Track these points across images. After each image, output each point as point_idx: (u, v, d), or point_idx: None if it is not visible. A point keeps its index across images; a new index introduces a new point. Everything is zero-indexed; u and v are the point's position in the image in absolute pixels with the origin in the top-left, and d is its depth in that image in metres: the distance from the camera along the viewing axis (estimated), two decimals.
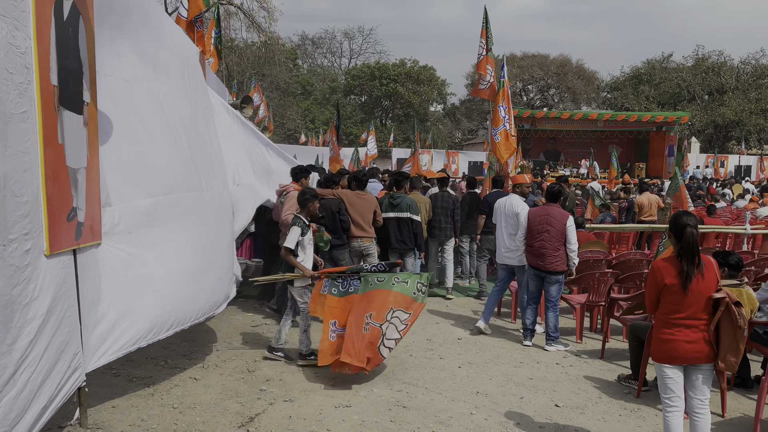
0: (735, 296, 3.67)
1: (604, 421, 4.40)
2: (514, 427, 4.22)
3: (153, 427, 3.96)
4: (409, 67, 44.54)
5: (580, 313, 6.55)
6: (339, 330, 4.98)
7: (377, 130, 41.05)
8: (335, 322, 5.02)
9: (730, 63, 43.70)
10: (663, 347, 3.62)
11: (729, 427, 4.39)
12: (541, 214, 6.27)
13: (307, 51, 53.96)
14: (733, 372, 3.92)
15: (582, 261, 7.46)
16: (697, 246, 3.58)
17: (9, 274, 2.75)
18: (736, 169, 34.15)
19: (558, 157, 34.49)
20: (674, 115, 33.13)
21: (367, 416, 4.30)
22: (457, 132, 52.05)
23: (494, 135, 10.06)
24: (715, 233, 11.22)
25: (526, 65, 48.87)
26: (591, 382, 5.20)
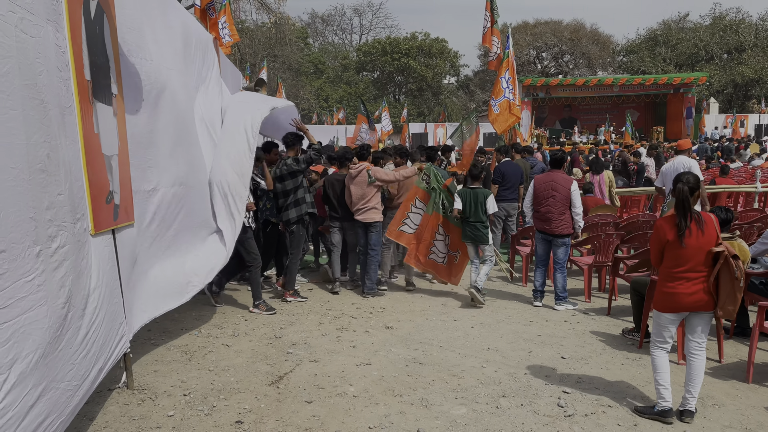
0: (733, 250, 3.93)
1: (606, 369, 4.72)
2: (522, 377, 4.55)
3: (193, 387, 4.37)
4: (421, 40, 44.34)
5: (588, 273, 6.83)
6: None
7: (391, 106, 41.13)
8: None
9: (748, 20, 42.79)
10: (666, 299, 3.89)
11: (726, 371, 4.68)
12: (547, 180, 6.52)
13: (317, 29, 53.90)
14: (731, 319, 4.22)
15: (592, 224, 7.72)
16: (687, 200, 3.83)
17: (78, 248, 3.13)
18: (756, 129, 33.63)
19: (573, 125, 34.28)
20: (692, 77, 32.65)
21: (386, 372, 4.67)
22: (471, 104, 51.80)
23: (494, 106, 10.23)
24: (727, 193, 11.32)
25: (539, 32, 48.21)
26: (597, 337, 5.51)
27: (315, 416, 3.91)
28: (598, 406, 4.05)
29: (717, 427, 3.76)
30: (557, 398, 4.16)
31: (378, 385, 4.43)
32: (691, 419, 3.81)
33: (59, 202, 2.95)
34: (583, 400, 4.14)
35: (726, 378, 4.54)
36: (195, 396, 4.21)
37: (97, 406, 4.00)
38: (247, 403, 4.11)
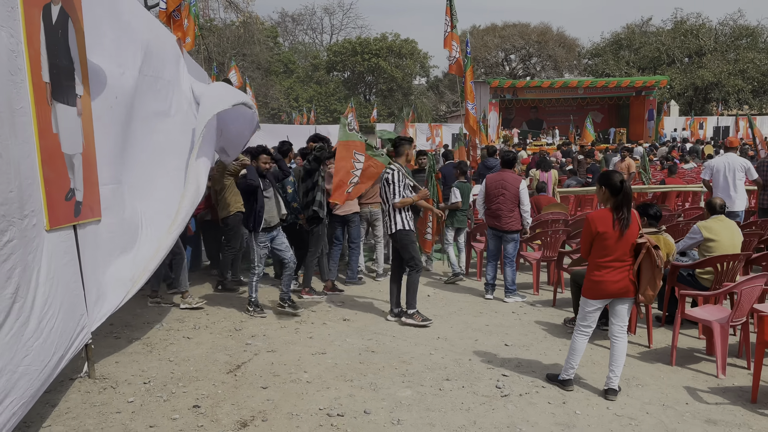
0: (654, 241, 4.31)
1: (545, 355, 5.06)
2: (466, 363, 4.86)
3: (153, 376, 4.57)
4: (391, 41, 44.71)
5: (537, 267, 7.20)
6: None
7: (361, 106, 41.43)
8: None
9: (708, 25, 44.05)
10: (594, 287, 4.25)
11: (653, 355, 5.06)
12: (498, 179, 6.86)
13: (287, 28, 53.86)
14: (650, 303, 4.59)
15: (543, 221, 8.11)
16: (631, 196, 4.22)
17: (25, 243, 3.32)
18: (714, 131, 34.79)
19: (540, 126, 34.99)
20: (653, 80, 33.63)
21: (340, 360, 4.93)
22: (441, 105, 52.38)
23: (470, 109, 10.59)
24: (677, 192, 11.88)
25: (507, 35, 48.99)
26: (540, 326, 5.87)
27: (269, 400, 4.16)
28: (533, 387, 4.38)
29: (637, 404, 4.12)
30: (496, 381, 4.47)
31: (331, 371, 4.69)
32: (615, 397, 4.16)
33: (10, 198, 3.16)
34: (520, 382, 4.46)
35: (652, 361, 4.92)
36: (155, 384, 4.41)
37: (59, 394, 4.18)
38: (204, 389, 4.33)
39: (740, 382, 4.51)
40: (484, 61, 48.82)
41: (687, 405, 4.11)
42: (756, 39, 43.15)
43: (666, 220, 7.75)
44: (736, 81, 39.98)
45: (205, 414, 3.95)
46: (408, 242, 5.96)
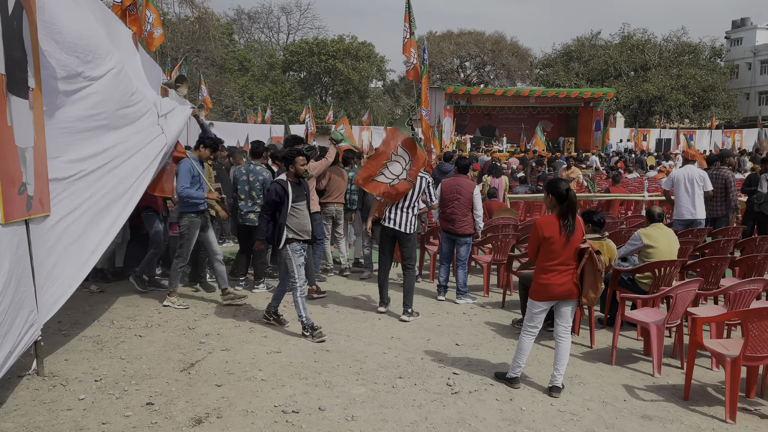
0: (596, 246, 4.55)
1: (494, 354, 5.26)
2: (418, 361, 5.01)
3: (104, 373, 4.52)
4: (348, 43, 44.76)
5: (487, 270, 7.43)
6: None
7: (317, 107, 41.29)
8: None
9: (653, 41, 45.96)
10: (541, 289, 4.45)
11: (595, 355, 5.33)
12: (452, 184, 7.05)
13: (243, 26, 53.22)
14: (592, 305, 4.84)
15: (494, 226, 8.36)
16: (576, 205, 4.43)
17: None
18: (657, 143, 36.31)
19: (493, 133, 35.72)
20: (601, 91, 34.82)
21: (295, 359, 4.99)
22: (397, 108, 52.76)
23: (425, 115, 10.77)
24: (620, 200, 12.40)
25: (462, 42, 49.82)
26: (490, 327, 6.07)
27: (224, 397, 4.19)
28: (482, 384, 4.56)
29: (579, 400, 4.34)
30: (447, 378, 4.63)
31: (286, 370, 4.75)
32: (558, 394, 4.38)
33: None
34: (470, 380, 4.63)
35: (594, 360, 5.18)
36: (106, 381, 4.37)
37: (7, 392, 4.10)
38: (158, 387, 4.32)
39: (674, 380, 4.80)
40: (439, 68, 49.50)
41: (625, 402, 4.36)
42: (697, 56, 45.30)
43: (609, 227, 8.12)
44: (678, 95, 41.85)
45: (159, 411, 3.94)
46: (415, 244, 6.52)
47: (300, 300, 5.53)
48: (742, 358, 4.10)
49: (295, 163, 5.63)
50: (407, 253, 6.44)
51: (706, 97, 42.68)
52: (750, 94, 50.17)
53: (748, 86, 50.25)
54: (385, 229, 6.42)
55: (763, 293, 5.90)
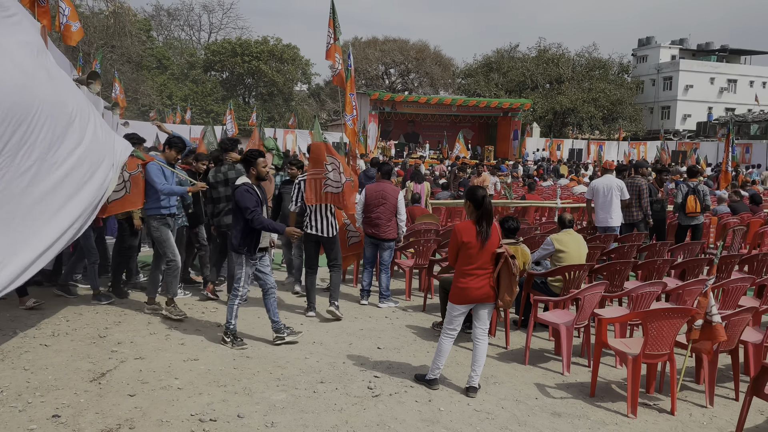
0: (512, 251, 4.74)
1: (414, 357, 5.36)
2: (340, 365, 5.02)
3: (5, 385, 4.25)
4: (273, 45, 44.17)
5: (409, 274, 7.57)
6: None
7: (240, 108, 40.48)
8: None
9: (567, 55, 48.31)
10: (460, 293, 4.59)
11: (510, 356, 5.54)
12: (378, 189, 7.12)
13: (162, 23, 51.43)
14: (508, 308, 5.04)
15: (416, 231, 8.51)
16: (492, 212, 4.59)
17: None
18: (570, 152, 38.17)
19: (417, 140, 36.35)
20: (518, 102, 36.25)
21: (213, 366, 4.88)
22: (322, 112, 52.62)
23: (347, 121, 10.82)
24: (535, 207, 12.94)
25: (387, 49, 50.41)
26: (411, 330, 6.18)
27: (137, 408, 4.04)
28: (402, 387, 4.64)
29: (494, 400, 4.51)
30: (368, 382, 4.68)
31: (204, 377, 4.63)
32: (475, 394, 4.53)
33: None
34: (391, 383, 4.70)
35: (509, 361, 5.39)
36: (8, 393, 4.11)
37: None
38: (65, 398, 4.10)
39: (582, 378, 5.07)
40: (365, 73, 49.82)
41: (536, 400, 4.56)
42: (607, 71, 48.05)
43: (524, 232, 8.47)
44: (589, 108, 44.21)
45: (66, 424, 3.75)
46: (338, 245, 6.67)
47: (236, 307, 5.42)
48: (642, 356, 4.39)
49: (257, 165, 5.48)
50: (333, 255, 6.56)
51: (615, 110, 45.33)
52: (654, 108, 53.76)
53: (652, 101, 53.83)
54: (309, 235, 6.42)
55: (662, 295, 6.35)
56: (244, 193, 5.31)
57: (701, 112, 50.33)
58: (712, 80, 52.96)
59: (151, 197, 6.23)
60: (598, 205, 9.15)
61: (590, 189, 9.48)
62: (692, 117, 50.44)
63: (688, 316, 4.44)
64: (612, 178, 9.19)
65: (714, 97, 52.74)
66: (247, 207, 5.26)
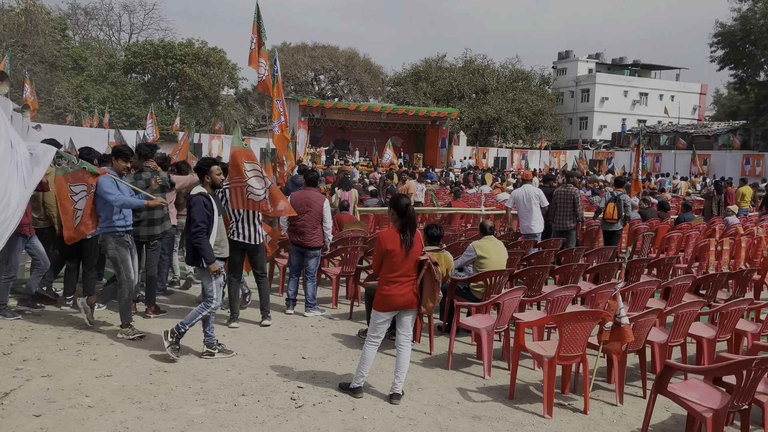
0: (435, 258, 4.82)
1: (339, 365, 5.34)
2: (263, 377, 4.93)
3: None
4: (198, 48, 43.01)
5: (336, 282, 7.54)
6: None
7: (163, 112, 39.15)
8: None
9: (492, 66, 49.85)
10: (383, 300, 4.61)
11: (434, 361, 5.62)
12: (303, 197, 7.07)
13: (79, 22, 49.16)
14: (431, 314, 5.11)
15: (343, 238, 8.50)
16: (415, 219, 4.64)
17: None
18: (495, 161, 39.34)
19: (347, 147, 36.41)
20: (446, 111, 37.08)
21: (128, 382, 4.67)
22: (250, 118, 51.70)
23: (274, 128, 10.67)
24: (461, 214, 13.23)
25: (317, 55, 50.26)
26: (337, 338, 6.16)
27: (42, 429, 3.81)
28: (326, 396, 4.61)
29: (418, 406, 4.56)
30: (292, 393, 4.62)
31: (117, 394, 4.43)
32: (398, 401, 4.56)
33: None
34: (314, 393, 4.66)
35: (432, 366, 5.46)
36: None
37: None
38: None
39: (502, 381, 5.21)
40: (294, 79, 49.44)
41: (458, 404, 4.65)
42: (529, 82, 49.94)
43: (449, 239, 8.63)
44: (513, 118, 45.76)
45: None
46: (265, 254, 6.59)
47: (203, 316, 5.27)
48: (557, 358, 4.57)
49: (211, 173, 5.39)
50: (259, 264, 6.47)
51: (537, 120, 47.13)
52: (572, 119, 56.29)
53: (571, 112, 56.37)
54: (235, 243, 6.27)
55: (577, 298, 6.64)
56: (201, 205, 5.25)
57: (616, 123, 53.20)
58: (625, 93, 56.09)
59: (104, 213, 5.76)
60: (520, 214, 9.47)
61: (511, 198, 9.83)
62: (608, 128, 53.22)
63: (599, 318, 4.66)
64: (531, 188, 9.54)
65: (627, 109, 55.87)
66: (195, 221, 5.21)
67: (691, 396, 3.96)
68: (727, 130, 38.80)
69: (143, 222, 6.57)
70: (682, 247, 10.10)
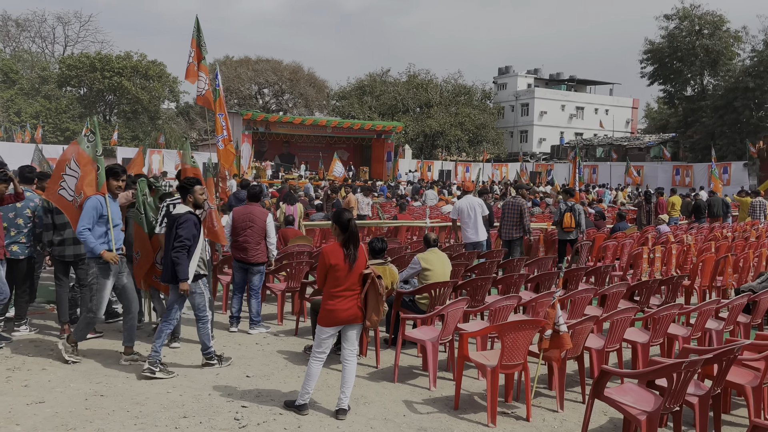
0: (379, 272, 4.84)
1: (284, 383, 5.27)
2: (205, 398, 4.82)
3: None
4: (137, 60, 41.97)
5: (281, 298, 7.46)
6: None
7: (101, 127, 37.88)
8: None
9: (435, 81, 50.74)
10: (328, 315, 4.59)
11: (380, 375, 5.63)
12: (245, 212, 6.98)
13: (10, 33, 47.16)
14: (376, 327, 5.13)
15: (288, 253, 8.43)
16: (358, 234, 4.65)
17: None
18: (439, 173, 39.91)
19: (292, 160, 36.15)
20: (391, 125, 37.43)
21: (62, 408, 4.47)
22: (192, 132, 50.67)
23: (217, 143, 10.50)
24: (406, 226, 13.34)
25: (260, 69, 49.90)
26: (282, 355, 6.09)
27: None
28: (271, 415, 4.54)
29: (364, 420, 4.55)
30: (235, 413, 4.53)
31: (50, 421, 4.24)
32: (344, 416, 4.54)
33: None
34: (259, 412, 4.59)
35: (378, 380, 5.47)
36: None
37: None
38: None
39: (447, 392, 5.27)
40: (237, 92, 48.88)
41: (404, 417, 4.67)
42: (471, 97, 51.07)
43: (395, 251, 8.70)
44: (456, 132, 46.63)
45: None
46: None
47: (208, 331, 5.61)
48: (499, 367, 4.66)
49: (194, 193, 5.44)
50: None
51: (479, 133, 48.20)
52: (513, 132, 57.85)
53: (512, 125, 57.93)
54: None
55: (519, 307, 6.80)
56: (191, 223, 5.31)
57: (555, 136, 55.04)
58: (563, 107, 58.15)
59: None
60: (464, 224, 9.65)
61: (455, 209, 10.00)
62: (547, 140, 54.96)
63: (539, 326, 4.79)
64: (473, 198, 9.76)
65: (565, 122, 57.94)
66: (181, 237, 5.23)
67: (627, 400, 4.12)
68: (657, 142, 40.77)
69: (67, 241, 6.30)
70: (618, 256, 10.51)
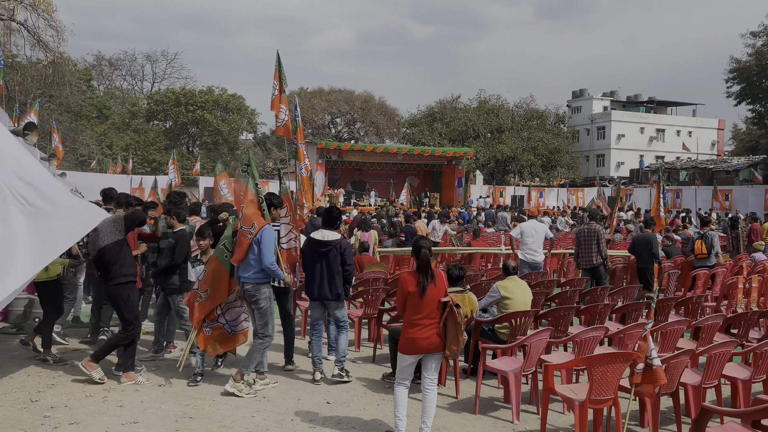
0: (457, 300, 4.79)
1: (364, 410, 5.27)
2: (288, 423, 4.88)
3: None
4: (218, 94, 44.10)
5: (358, 324, 7.50)
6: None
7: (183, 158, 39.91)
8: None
9: (506, 106, 50.31)
10: (408, 343, 4.58)
11: (460, 405, 5.52)
12: None
13: (103, 72, 50.73)
14: (456, 357, 5.05)
15: (364, 280, 8.50)
16: (429, 262, 4.63)
17: None
18: (512, 199, 39.27)
19: (364, 187, 36.67)
20: (461, 151, 37.32)
21: (154, 429, 4.65)
22: (268, 161, 52.45)
23: (300, 170, 10.86)
24: (481, 253, 13.17)
25: (333, 99, 51.17)
26: (360, 382, 6.09)
27: None
28: None
29: None
30: None
31: None
32: None
33: None
34: None
35: (459, 411, 5.37)
36: None
37: None
38: None
39: (531, 426, 5.09)
40: (311, 122, 50.28)
41: None
42: (544, 121, 50.20)
43: (471, 279, 8.58)
44: (529, 156, 45.86)
45: None
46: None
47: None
48: (588, 401, 4.47)
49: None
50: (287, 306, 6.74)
51: (553, 158, 47.18)
52: (589, 156, 56.26)
53: (587, 149, 56.37)
54: None
55: (605, 339, 6.52)
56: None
57: (633, 159, 53.02)
58: (642, 130, 56.08)
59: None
60: (524, 244, 10.06)
61: (517, 230, 10.43)
62: (625, 164, 53.02)
63: (629, 360, 4.57)
64: (536, 223, 10.38)
65: (644, 145, 55.77)
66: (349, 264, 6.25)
67: None
68: (747, 164, 38.46)
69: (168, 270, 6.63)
70: (709, 285, 9.92)
